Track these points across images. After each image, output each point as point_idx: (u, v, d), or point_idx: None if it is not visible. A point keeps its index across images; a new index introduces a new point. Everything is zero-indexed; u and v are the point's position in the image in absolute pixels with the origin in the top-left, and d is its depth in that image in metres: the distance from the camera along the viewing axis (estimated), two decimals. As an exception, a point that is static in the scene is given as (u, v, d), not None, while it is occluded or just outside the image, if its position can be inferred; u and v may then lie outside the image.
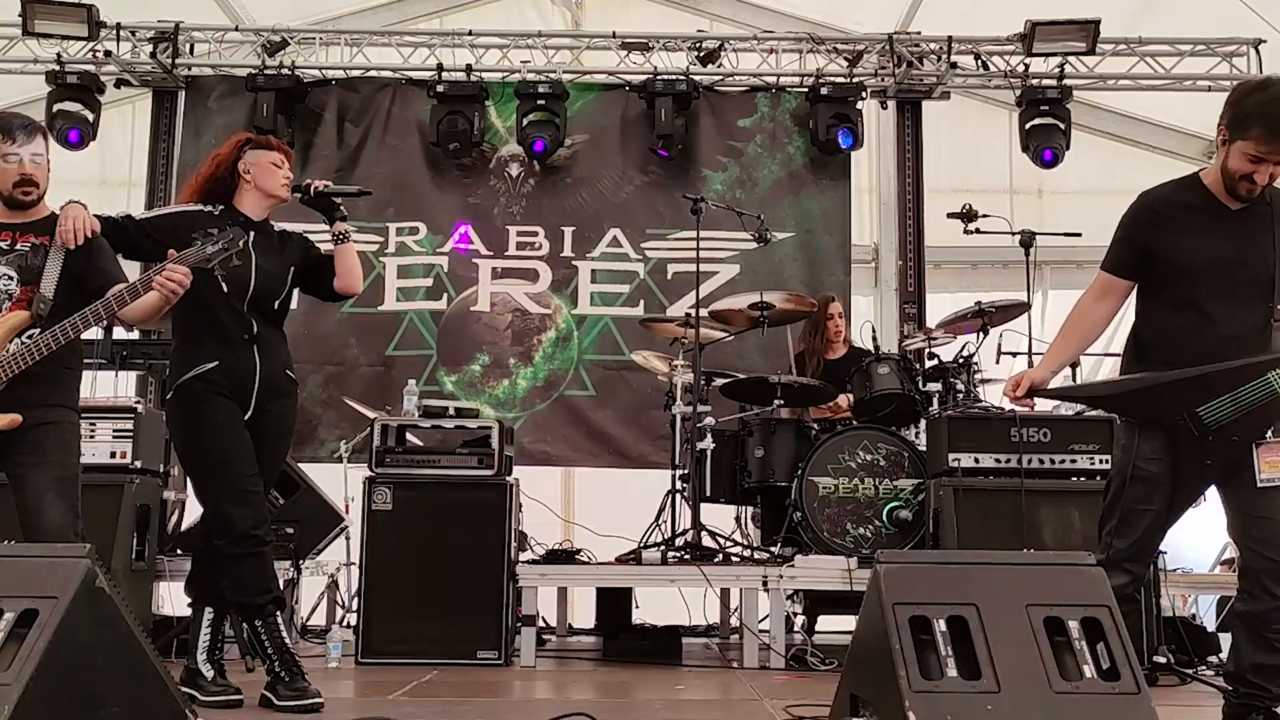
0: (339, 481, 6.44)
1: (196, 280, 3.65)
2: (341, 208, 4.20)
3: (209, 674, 3.99)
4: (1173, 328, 3.29)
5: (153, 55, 7.80)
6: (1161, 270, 3.31)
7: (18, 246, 3.65)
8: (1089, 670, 2.49)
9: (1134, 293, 3.45)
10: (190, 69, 8.01)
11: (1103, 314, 3.44)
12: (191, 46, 8.03)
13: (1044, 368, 3.45)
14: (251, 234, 3.95)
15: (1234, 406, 3.12)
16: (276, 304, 4.10)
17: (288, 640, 4.00)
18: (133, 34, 7.82)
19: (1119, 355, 3.62)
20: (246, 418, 3.98)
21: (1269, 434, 3.18)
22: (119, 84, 8.02)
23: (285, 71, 7.77)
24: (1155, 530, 3.31)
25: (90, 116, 7.65)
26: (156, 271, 3.52)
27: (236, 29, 8.08)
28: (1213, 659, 5.12)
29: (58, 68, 7.65)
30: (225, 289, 3.91)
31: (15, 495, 3.54)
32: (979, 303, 5.97)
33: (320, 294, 4.27)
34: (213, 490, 3.95)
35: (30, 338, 3.53)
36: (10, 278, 3.62)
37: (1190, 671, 4.88)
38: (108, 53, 7.75)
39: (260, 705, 3.90)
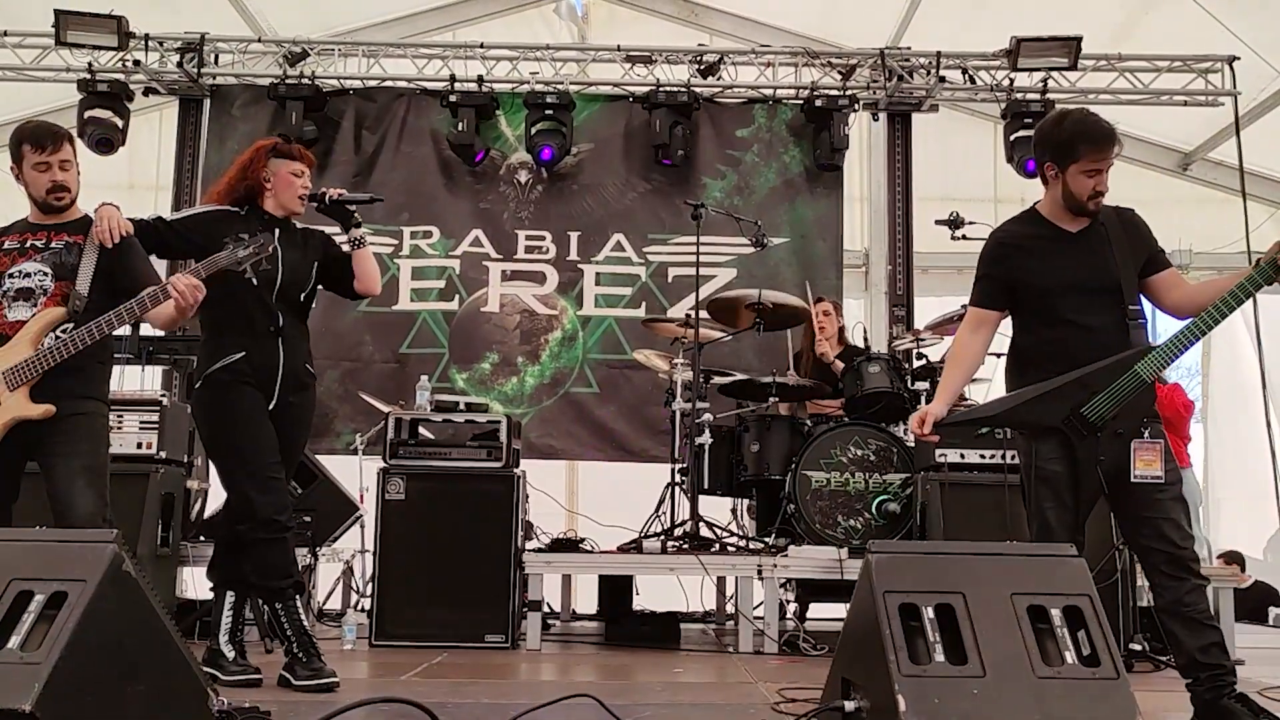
0: (354, 472, 6.54)
1: (226, 275, 3.79)
2: (356, 214, 4.30)
3: (230, 654, 4.09)
4: (1045, 340, 3.46)
5: (179, 65, 7.95)
6: (1026, 294, 3.49)
7: (52, 245, 3.73)
8: (1070, 656, 2.54)
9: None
10: (215, 78, 8.13)
11: (980, 345, 3.62)
12: (216, 57, 8.14)
13: (939, 402, 3.57)
14: (277, 230, 4.10)
15: (1112, 401, 3.30)
16: (302, 296, 4.22)
17: (305, 623, 4.08)
18: (160, 44, 7.95)
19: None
20: (270, 408, 4.06)
21: (1145, 432, 3.32)
22: (147, 92, 8.14)
23: (305, 81, 7.90)
24: (1071, 527, 3.38)
25: (119, 123, 7.76)
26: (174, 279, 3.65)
27: (259, 40, 8.23)
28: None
29: (89, 76, 7.77)
30: (254, 283, 3.98)
31: (47, 483, 3.61)
32: (964, 306, 6.07)
33: (341, 292, 4.37)
34: (238, 477, 4.04)
35: (65, 332, 3.62)
36: (46, 274, 3.69)
37: (1164, 658, 4.98)
38: (136, 62, 7.88)
39: (279, 684, 3.98)
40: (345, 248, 4.30)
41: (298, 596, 4.11)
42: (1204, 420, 9.77)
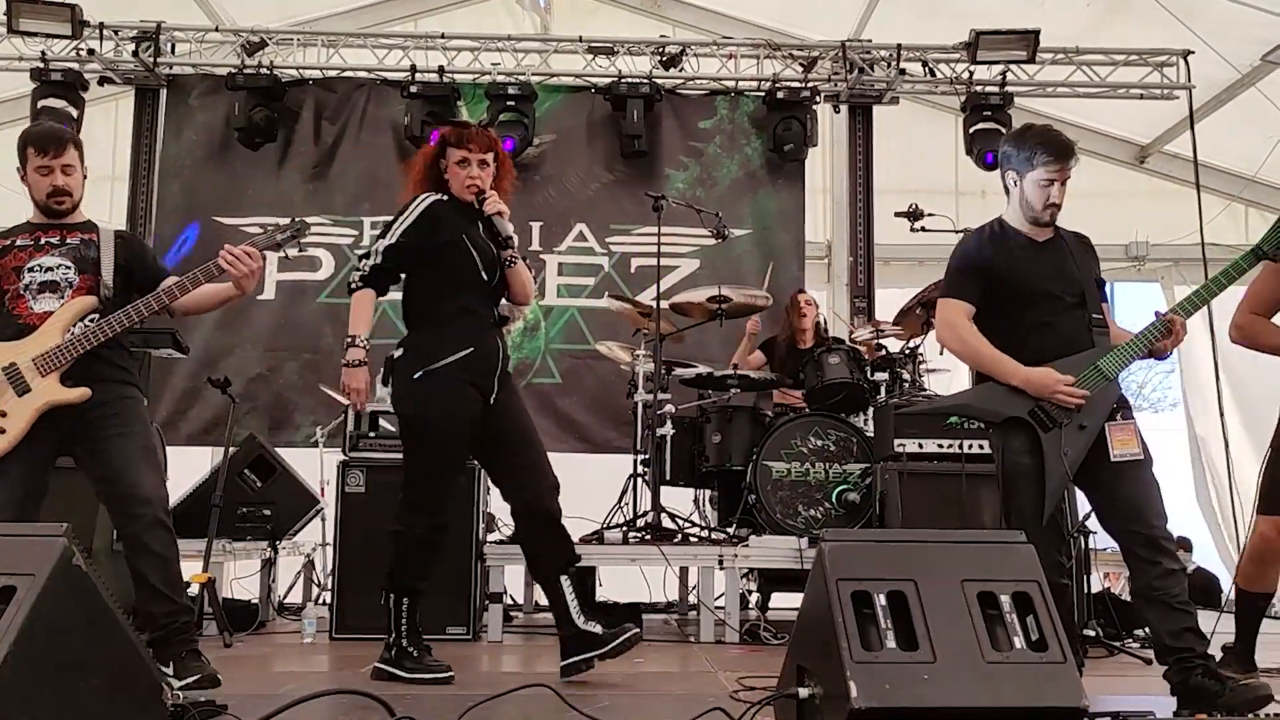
0: (315, 465, 6.49)
1: (452, 260, 3.91)
2: (506, 239, 4.15)
3: (414, 654, 4.09)
4: (1016, 337, 3.56)
5: (135, 54, 7.87)
6: (1000, 294, 3.60)
7: (68, 240, 3.75)
8: (1019, 641, 2.58)
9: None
10: (172, 68, 8.06)
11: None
12: (173, 46, 8.08)
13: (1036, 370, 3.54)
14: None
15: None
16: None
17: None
18: (115, 33, 7.87)
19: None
20: (491, 402, 4.00)
21: (1118, 416, 3.50)
22: (102, 82, 8.06)
23: (264, 71, 7.85)
24: (1043, 516, 3.48)
25: (74, 113, 7.65)
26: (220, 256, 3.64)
27: (217, 29, 8.14)
28: (1139, 632, 5.24)
29: (42, 65, 7.67)
30: (478, 262, 3.96)
31: (99, 467, 3.62)
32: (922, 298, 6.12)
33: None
34: (434, 479, 4.01)
35: (94, 320, 3.66)
36: (68, 267, 3.71)
37: (1118, 644, 5.11)
38: (91, 51, 7.79)
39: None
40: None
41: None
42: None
